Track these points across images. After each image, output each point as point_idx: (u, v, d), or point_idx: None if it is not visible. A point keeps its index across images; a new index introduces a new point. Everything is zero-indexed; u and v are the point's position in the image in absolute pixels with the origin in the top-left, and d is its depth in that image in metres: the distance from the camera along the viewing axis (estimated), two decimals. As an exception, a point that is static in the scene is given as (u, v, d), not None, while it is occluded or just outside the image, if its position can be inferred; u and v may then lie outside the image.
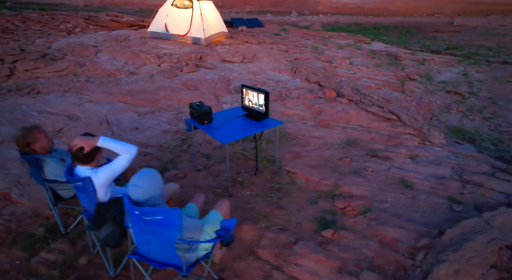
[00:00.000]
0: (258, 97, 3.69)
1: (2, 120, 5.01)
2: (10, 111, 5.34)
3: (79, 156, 2.32)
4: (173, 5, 9.34)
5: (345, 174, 3.86)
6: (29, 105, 5.59)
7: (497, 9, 28.34)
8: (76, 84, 6.64)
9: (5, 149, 4.34)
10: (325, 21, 26.70)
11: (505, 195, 3.32)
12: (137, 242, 2.13)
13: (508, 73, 12.23)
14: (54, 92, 6.27)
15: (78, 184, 2.38)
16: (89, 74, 7.22)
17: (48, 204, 3.49)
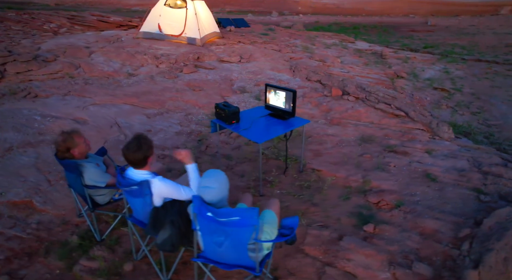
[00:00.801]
0: (285, 96, 3.71)
1: (4, 126, 4.77)
2: (11, 116, 5.08)
3: (137, 160, 2.27)
4: (166, 5, 9.20)
5: (369, 169, 3.96)
6: (30, 109, 5.35)
7: (466, 10, 29.71)
8: (75, 86, 6.41)
9: (16, 156, 4.14)
10: (306, 21, 27.06)
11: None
12: (206, 244, 2.10)
13: (483, 70, 12.90)
14: (53, 95, 6.03)
15: (133, 188, 2.31)
16: (85, 76, 6.99)
17: (75, 211, 3.38)
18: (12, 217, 3.29)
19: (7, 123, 4.87)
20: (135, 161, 2.30)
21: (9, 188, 3.61)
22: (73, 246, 2.99)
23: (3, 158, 4.09)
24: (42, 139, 4.57)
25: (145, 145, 2.28)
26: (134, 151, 2.26)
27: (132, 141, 2.29)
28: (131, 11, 29.81)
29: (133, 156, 2.27)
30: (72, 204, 3.49)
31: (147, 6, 35.46)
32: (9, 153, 4.20)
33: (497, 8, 28.94)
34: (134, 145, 2.27)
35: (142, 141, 2.29)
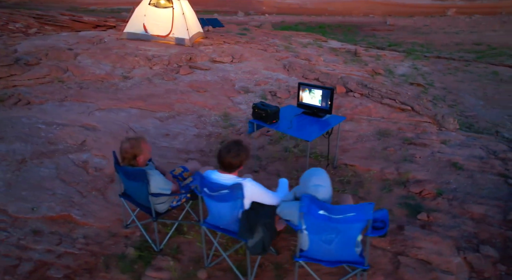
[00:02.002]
0: (322, 94, 3.78)
1: (7, 137, 4.37)
2: (10, 126, 4.67)
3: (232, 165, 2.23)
4: (150, 4, 8.88)
5: (398, 162, 4.16)
6: (30, 117, 4.94)
7: (418, 11, 31.78)
8: (69, 91, 6.01)
9: (33, 168, 3.82)
10: (272, 20, 27.37)
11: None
12: (312, 243, 2.10)
13: (445, 66, 13.91)
14: (48, 101, 5.62)
15: (223, 192, 2.26)
16: (77, 80, 6.57)
17: (119, 222, 3.21)
18: (55, 233, 3.05)
19: (8, 133, 4.46)
20: (230, 165, 2.26)
21: (39, 203, 3.34)
22: (132, 258, 2.84)
23: (20, 171, 3.76)
24: (54, 148, 4.25)
25: (245, 152, 2.26)
26: (234, 156, 2.22)
27: (233, 146, 2.25)
28: (88, 10, 28.28)
29: (231, 160, 2.23)
30: (114, 215, 3.31)
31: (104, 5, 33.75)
32: (24, 166, 3.86)
33: (444, 9, 31.25)
34: (235, 149, 2.23)
35: (242, 147, 2.26)
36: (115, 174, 3.86)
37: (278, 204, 2.37)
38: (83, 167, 3.97)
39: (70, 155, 4.15)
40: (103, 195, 3.57)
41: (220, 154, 2.28)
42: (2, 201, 3.30)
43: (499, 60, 15.65)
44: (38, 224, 3.14)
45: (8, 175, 3.69)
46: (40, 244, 2.91)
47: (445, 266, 2.56)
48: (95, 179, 3.79)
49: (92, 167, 3.98)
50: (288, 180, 3.30)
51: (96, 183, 3.72)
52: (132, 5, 9.30)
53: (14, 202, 3.33)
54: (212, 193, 2.30)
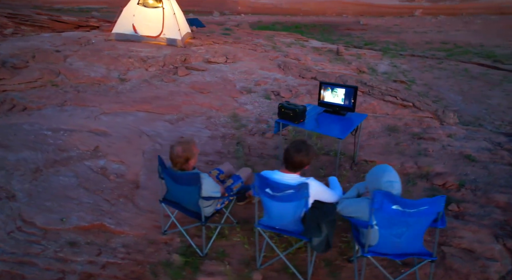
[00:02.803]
0: (345, 92, 3.87)
1: (13, 145, 4.13)
2: (12, 134, 4.41)
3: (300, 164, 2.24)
4: (139, 4, 8.63)
5: (414, 156, 4.33)
6: (32, 124, 4.68)
7: (388, 11, 32.99)
8: (67, 95, 5.74)
9: (50, 178, 3.64)
10: (249, 20, 27.43)
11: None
12: (382, 238, 2.16)
13: (421, 64, 14.57)
14: (46, 106, 5.34)
15: (288, 192, 2.26)
16: (72, 83, 6.29)
17: (155, 228, 3.12)
18: (91, 243, 2.92)
19: (13, 141, 4.21)
20: (300, 164, 2.27)
21: (67, 213, 3.19)
22: (178, 264, 2.78)
23: (37, 181, 3.56)
24: (67, 156, 4.06)
25: (312, 151, 2.28)
26: (304, 155, 2.23)
27: (302, 145, 2.26)
28: (53, 9, 27.00)
29: (302, 159, 2.25)
30: (148, 222, 3.23)
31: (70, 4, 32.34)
32: (40, 175, 3.66)
33: (412, 10, 32.62)
34: (305, 149, 2.24)
35: (310, 147, 2.28)
36: (139, 179, 3.77)
37: (337, 201, 2.41)
38: (103, 174, 3.81)
39: (86, 162, 3.97)
40: (132, 202, 3.45)
41: (289, 153, 2.29)
42: (27, 213, 3.12)
43: (466, 58, 16.54)
44: (72, 235, 2.99)
45: (25, 185, 3.48)
46: (80, 256, 2.77)
47: (488, 253, 2.71)
48: (119, 186, 3.65)
49: (112, 173, 3.83)
50: (318, 179, 3.39)
51: (121, 190, 3.59)
52: (101, 4, 8.99)
53: (40, 213, 3.15)
54: (276, 193, 2.30)
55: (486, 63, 14.74)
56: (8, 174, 3.62)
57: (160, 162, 2.67)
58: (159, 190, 2.93)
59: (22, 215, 3.11)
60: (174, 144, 2.59)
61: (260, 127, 5.18)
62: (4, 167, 3.72)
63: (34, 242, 2.86)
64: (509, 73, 12.62)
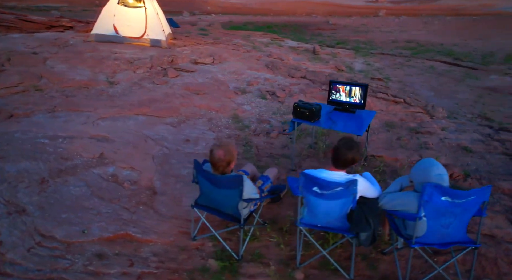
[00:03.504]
0: (355, 90, 3.98)
1: (10, 155, 3.86)
2: (5, 143, 4.11)
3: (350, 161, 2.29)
4: (120, 3, 8.31)
5: (417, 150, 4.54)
6: (24, 132, 4.39)
7: (355, 11, 34.11)
8: (55, 100, 5.43)
9: (59, 188, 3.45)
10: (220, 20, 27.27)
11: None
12: (430, 229, 2.25)
13: (392, 62, 15.23)
14: (34, 112, 5.03)
15: (338, 189, 2.30)
16: (57, 87, 5.96)
17: (182, 234, 3.05)
18: (120, 254, 2.79)
19: (9, 151, 3.93)
20: (350, 162, 2.31)
21: (87, 224, 3.03)
22: (216, 270, 2.73)
23: (46, 192, 3.35)
24: (72, 164, 3.84)
25: (360, 149, 2.32)
26: (356, 152, 2.27)
27: (353, 142, 2.30)
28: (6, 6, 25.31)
29: (354, 156, 2.29)
30: (173, 228, 3.15)
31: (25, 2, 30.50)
32: (47, 186, 3.45)
33: (376, 11, 33.97)
34: (356, 146, 2.28)
35: (360, 145, 2.31)
36: (154, 186, 3.65)
37: (378, 196, 2.48)
38: (115, 182, 3.65)
39: (94, 170, 3.78)
40: (152, 209, 3.33)
41: (340, 151, 2.32)
42: (44, 227, 2.92)
43: (430, 56, 17.47)
44: (97, 247, 2.84)
45: (34, 198, 3.26)
46: (112, 268, 2.64)
47: (508, 238, 2.91)
48: (135, 193, 3.52)
49: (124, 180, 3.68)
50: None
51: (138, 197, 3.46)
52: (60, 3, 8.59)
53: (59, 226, 2.96)
54: (324, 191, 2.32)
55: (448, 60, 15.62)
56: (11, 187, 3.37)
57: (197, 166, 2.60)
58: (179, 195, 2.87)
59: (39, 229, 2.91)
60: (213, 148, 2.54)
61: (263, 127, 5.19)
62: (6, 179, 3.45)
63: (59, 257, 2.68)
64: (469, 69, 13.45)
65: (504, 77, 11.20)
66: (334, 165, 2.41)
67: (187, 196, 3.54)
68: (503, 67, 12.46)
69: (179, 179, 3.80)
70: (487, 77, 11.48)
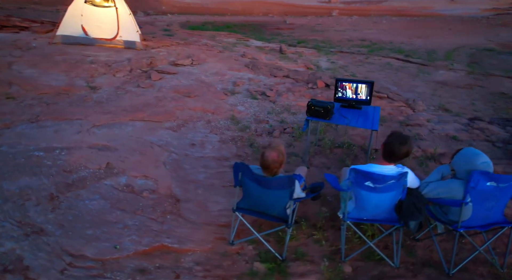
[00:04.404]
0: (361, 87, 4.14)
1: (5, 172, 3.49)
2: (-5, 158, 3.68)
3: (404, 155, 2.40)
4: (87, 3, 7.79)
5: (413, 141, 4.84)
6: (12, 145, 4.01)
7: (309, 11, 35.21)
8: (36, 109, 5.00)
9: (74, 204, 3.21)
10: (177, 20, 26.64)
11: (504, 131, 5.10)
12: (475, 212, 2.43)
13: (353, 59, 15.99)
14: (14, 123, 4.58)
15: (390, 182, 2.40)
16: (32, 95, 5.47)
17: (218, 240, 2.99)
18: (162, 267, 2.67)
19: (1, 168, 3.52)
20: (403, 155, 2.41)
21: (117, 239, 2.86)
22: (264, 272, 2.72)
23: (60, 209, 3.09)
24: (78, 177, 3.58)
25: (412, 143, 2.42)
26: (410, 146, 2.37)
27: (405, 136, 2.40)
28: None
29: (406, 149, 2.40)
30: (208, 235, 3.09)
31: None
32: (59, 202, 3.19)
33: (329, 11, 35.33)
34: (408, 140, 2.37)
35: (408, 138, 2.41)
36: (175, 193, 3.51)
37: (419, 186, 2.64)
38: (131, 192, 3.46)
39: (105, 182, 3.54)
40: (181, 217, 3.21)
41: (394, 146, 2.41)
42: (72, 246, 2.69)
43: (384, 53, 18.57)
44: (135, 262, 2.68)
45: (49, 216, 2.98)
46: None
47: (518, 216, 3.23)
48: (157, 202, 3.36)
49: (141, 190, 3.50)
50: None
51: (162, 207, 3.31)
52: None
53: (87, 244, 2.74)
54: (377, 185, 2.41)
55: (401, 57, 16.75)
56: (18, 206, 3.04)
57: (244, 169, 2.56)
58: (204, 201, 2.82)
59: (66, 248, 2.67)
60: (265, 151, 2.51)
61: (263, 127, 5.20)
62: (8, 198, 3.11)
63: (98, 276, 2.49)
64: (420, 65, 14.54)
65: (449, 72, 12.19)
66: (386, 159, 2.51)
67: (212, 201, 3.46)
68: (446, 63, 13.57)
69: (198, 185, 3.69)
70: (437, 72, 12.44)
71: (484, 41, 17.53)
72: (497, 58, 13.88)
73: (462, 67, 12.69)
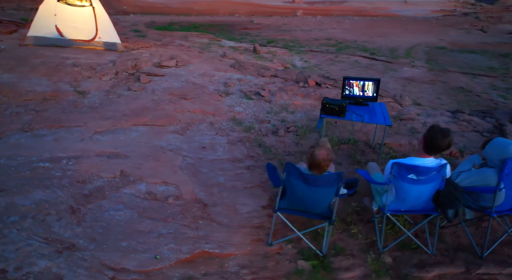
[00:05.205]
0: (368, 84, 4.30)
1: (12, 187, 3.24)
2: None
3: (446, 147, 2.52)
4: (60, 1, 7.31)
5: (411, 134, 5.09)
6: (11, 157, 3.72)
7: (275, 11, 35.63)
8: (25, 117, 4.65)
9: (99, 215, 3.04)
10: (142, 20, 25.80)
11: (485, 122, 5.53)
12: (508, 197, 2.62)
13: (324, 58, 16.45)
14: (5, 133, 4.30)
15: (432, 174, 2.52)
16: (17, 102, 5.06)
17: (254, 241, 2.98)
18: (209, 273, 2.63)
19: (6, 183, 3.29)
20: (446, 147, 2.52)
21: (155, 249, 2.75)
22: (309, 270, 2.75)
23: (86, 222, 2.92)
24: (94, 187, 3.39)
25: (452, 135, 2.56)
26: (451, 138, 2.50)
27: (446, 130, 2.51)
28: None
29: (449, 141, 2.51)
30: (245, 237, 3.06)
31: None
32: (82, 215, 3.00)
33: (294, 10, 36.02)
34: (450, 132, 2.50)
35: (449, 131, 2.54)
36: (200, 197, 3.44)
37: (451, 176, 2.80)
38: (155, 200, 3.33)
39: (124, 190, 3.38)
40: (214, 221, 3.14)
41: (437, 139, 2.52)
42: (110, 259, 2.55)
43: (350, 52, 19.28)
44: (180, 270, 2.59)
45: (77, 229, 2.79)
46: (211, 290, 2.45)
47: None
48: (185, 208, 3.26)
49: (165, 197, 3.38)
50: (355, 165, 3.78)
51: (192, 212, 3.22)
52: None
53: (126, 256, 2.61)
54: (421, 177, 2.52)
55: (367, 55, 17.50)
56: (39, 222, 2.81)
57: (292, 169, 2.55)
58: (231, 204, 2.81)
59: (105, 263, 2.52)
60: (314, 150, 2.53)
61: (267, 127, 5.20)
62: (26, 215, 2.87)
63: (146, 290, 2.38)
64: (386, 63, 15.30)
65: (413, 69, 12.93)
66: (427, 152, 2.63)
67: (239, 204, 3.42)
68: (408, 60, 14.37)
69: (221, 188, 3.63)
70: (402, 69, 13.12)
71: (436, 40, 18.73)
72: (449, 55, 14.90)
73: (422, 64, 13.47)
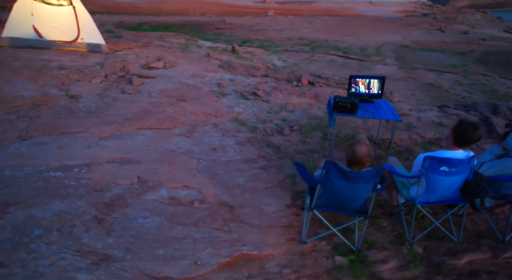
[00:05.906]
0: (374, 82, 4.43)
1: (26, 198, 3.03)
2: (3, 185, 3.19)
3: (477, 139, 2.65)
4: (37, 0, 6.88)
5: (409, 129, 5.30)
6: (15, 167, 3.50)
7: (247, 11, 35.71)
8: (19, 124, 4.37)
9: (126, 223, 2.93)
10: (110, 21, 24.87)
11: (471, 115, 5.88)
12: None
13: (300, 57, 16.73)
14: (1, 142, 3.93)
15: (463, 166, 2.65)
16: (5, 108, 4.73)
17: (287, 240, 3.00)
18: (251, 276, 2.64)
19: (16, 195, 3.06)
20: (477, 140, 2.65)
21: (193, 255, 2.70)
22: (346, 265, 2.81)
23: (115, 232, 2.81)
24: (114, 195, 3.25)
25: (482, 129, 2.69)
26: (481, 131, 2.62)
27: (476, 123, 2.64)
28: None
29: (479, 134, 2.63)
30: (278, 237, 3.07)
31: None
32: (109, 225, 2.86)
33: (265, 10, 36.26)
34: (479, 126, 2.62)
35: (478, 124, 2.66)
36: (224, 200, 3.39)
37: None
38: (180, 204, 3.24)
39: (146, 197, 3.26)
40: (245, 223, 3.11)
41: (468, 132, 2.63)
42: (150, 268, 2.46)
43: (324, 51, 19.73)
44: (223, 275, 2.55)
45: (109, 240, 2.66)
46: (259, 292, 2.43)
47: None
48: (212, 212, 3.20)
49: (189, 201, 3.30)
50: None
51: (220, 215, 3.16)
52: None
53: (165, 264, 2.52)
54: (452, 169, 2.64)
55: (340, 54, 17.99)
56: (66, 234, 2.65)
57: (333, 167, 2.58)
58: (256, 204, 2.87)
59: (147, 272, 2.42)
60: (354, 147, 2.57)
61: (271, 127, 5.21)
62: (49, 228, 2.68)
63: (196, 297, 2.31)
64: (359, 61, 15.84)
65: (385, 67, 13.47)
66: (458, 145, 2.74)
67: (264, 204, 3.41)
68: (379, 58, 14.96)
69: (242, 189, 3.59)
70: (375, 67, 13.62)
71: (401, 39, 19.60)
72: (414, 53, 15.66)
73: (392, 62, 14.03)
